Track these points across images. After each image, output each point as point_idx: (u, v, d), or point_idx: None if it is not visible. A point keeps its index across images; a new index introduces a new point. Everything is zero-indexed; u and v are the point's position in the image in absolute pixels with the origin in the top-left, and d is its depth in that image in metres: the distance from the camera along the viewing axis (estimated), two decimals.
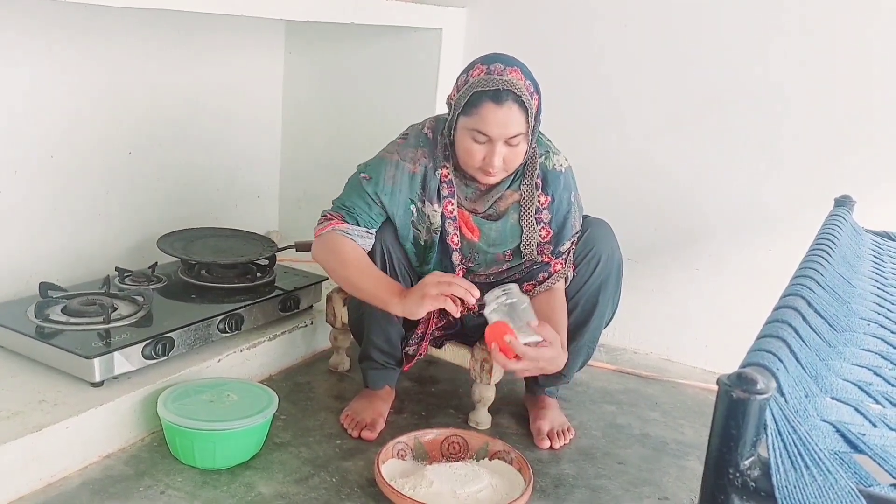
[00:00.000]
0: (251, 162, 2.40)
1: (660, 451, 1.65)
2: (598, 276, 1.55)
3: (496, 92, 1.36)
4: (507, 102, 1.36)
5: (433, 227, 1.51)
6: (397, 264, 1.54)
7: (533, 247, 1.52)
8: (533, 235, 1.52)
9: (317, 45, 2.36)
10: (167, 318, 1.61)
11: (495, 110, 1.36)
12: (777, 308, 0.82)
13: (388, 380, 1.68)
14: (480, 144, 1.40)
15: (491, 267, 1.57)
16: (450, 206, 1.50)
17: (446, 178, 1.49)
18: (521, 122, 1.38)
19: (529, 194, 1.50)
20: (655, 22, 2.02)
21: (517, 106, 1.36)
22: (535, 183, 1.50)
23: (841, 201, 1.54)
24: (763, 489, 0.56)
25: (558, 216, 1.52)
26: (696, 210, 2.05)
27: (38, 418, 1.33)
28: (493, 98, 1.36)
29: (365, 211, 1.50)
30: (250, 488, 1.38)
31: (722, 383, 0.57)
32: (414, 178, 1.49)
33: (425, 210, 1.50)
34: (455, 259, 1.54)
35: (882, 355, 0.83)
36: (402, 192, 1.49)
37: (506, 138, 1.38)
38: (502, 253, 1.55)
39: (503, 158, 1.40)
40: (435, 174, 1.49)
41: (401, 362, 1.67)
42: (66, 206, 1.87)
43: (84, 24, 1.81)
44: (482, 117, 1.37)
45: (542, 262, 1.54)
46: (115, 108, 1.93)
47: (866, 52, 1.81)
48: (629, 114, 2.09)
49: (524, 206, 1.51)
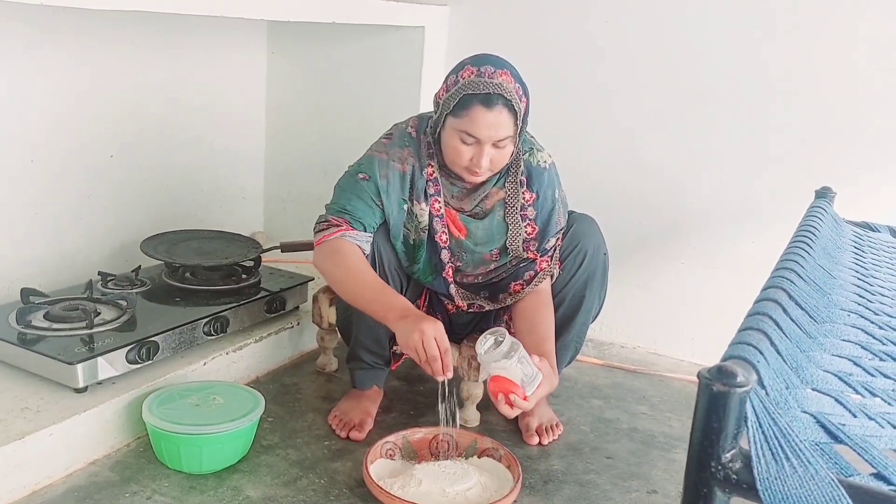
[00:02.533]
0: (235, 163, 2.38)
1: (648, 445, 1.66)
2: (585, 271, 1.56)
3: (486, 96, 1.35)
4: (497, 107, 1.36)
5: (421, 226, 1.51)
6: (387, 264, 1.53)
7: (519, 243, 1.53)
8: (518, 232, 1.52)
9: (299, 44, 2.35)
10: (151, 321, 1.60)
11: (485, 114, 1.36)
12: (758, 300, 0.83)
13: (376, 380, 1.68)
14: (468, 146, 1.40)
15: (479, 267, 1.57)
16: (437, 205, 1.50)
17: (432, 176, 1.49)
18: (510, 126, 1.38)
19: (514, 191, 1.51)
20: (640, 17, 2.03)
21: (507, 110, 1.37)
22: (519, 180, 1.50)
23: (821, 193, 1.55)
24: (745, 481, 0.56)
25: (543, 213, 1.53)
26: (682, 204, 2.06)
27: (21, 426, 1.32)
28: (484, 102, 1.36)
29: (368, 214, 1.49)
30: (238, 492, 1.37)
31: (702, 377, 0.57)
32: (404, 177, 1.49)
33: (414, 209, 1.50)
34: (444, 257, 1.54)
35: (862, 345, 0.83)
36: (395, 192, 1.49)
37: (494, 141, 1.38)
38: (489, 252, 1.55)
39: (490, 159, 1.41)
40: (422, 173, 1.49)
41: (389, 362, 1.67)
42: (48, 209, 1.85)
43: (65, 26, 1.79)
44: (472, 120, 1.37)
45: (527, 258, 1.54)
46: (96, 111, 1.91)
47: (850, 46, 1.83)
48: (614, 109, 2.10)
49: (509, 204, 1.51)
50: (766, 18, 1.89)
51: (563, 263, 1.57)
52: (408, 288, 1.61)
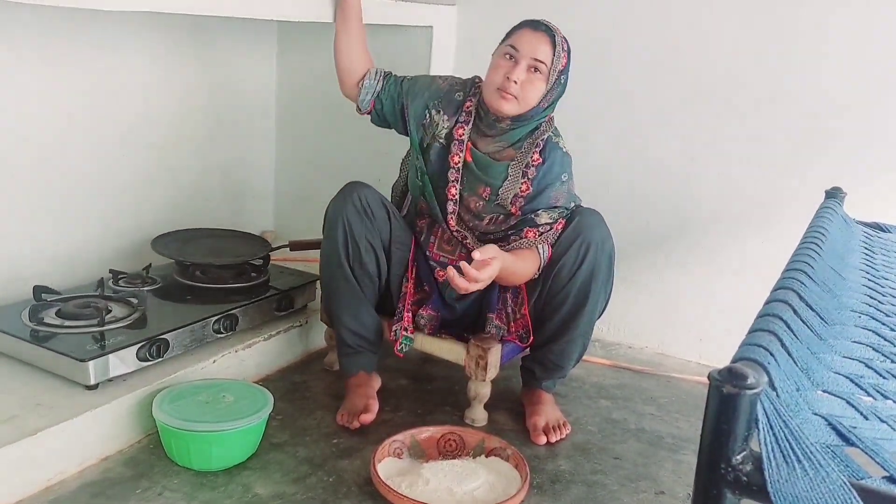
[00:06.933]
0: (245, 162, 2.39)
1: (655, 446, 1.66)
2: (590, 264, 1.55)
3: (535, 21, 1.56)
4: (541, 30, 1.54)
5: (437, 133, 1.63)
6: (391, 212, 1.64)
7: (509, 194, 1.59)
8: (515, 184, 1.59)
9: (309, 44, 2.35)
10: (162, 319, 1.61)
11: (531, 33, 1.55)
12: (768, 302, 0.83)
13: (361, 365, 1.69)
14: (508, 62, 1.54)
15: (472, 196, 1.62)
16: (461, 131, 1.62)
17: (468, 107, 1.63)
18: (548, 54, 1.53)
19: (527, 149, 1.60)
20: (648, 16, 2.02)
21: (549, 41, 1.53)
22: (536, 143, 1.60)
23: (832, 193, 1.55)
24: (755, 483, 0.56)
25: (543, 179, 1.58)
26: (690, 204, 2.06)
27: (34, 422, 1.33)
28: (531, 25, 1.56)
29: (391, 84, 1.72)
30: (247, 489, 1.38)
31: (713, 378, 0.57)
32: (440, 90, 1.67)
33: (436, 118, 1.63)
34: (450, 175, 1.62)
35: (873, 347, 0.83)
36: (423, 96, 1.67)
37: (531, 57, 1.52)
38: (483, 187, 1.61)
39: (520, 83, 1.52)
40: (455, 94, 1.65)
41: (375, 345, 1.69)
42: (60, 208, 1.86)
43: (77, 27, 1.80)
44: (518, 36, 1.55)
45: (510, 213, 1.60)
46: (107, 110, 1.92)
47: (858, 45, 1.82)
48: (622, 109, 2.10)
49: (518, 158, 1.60)
50: (774, 18, 1.89)
51: (566, 255, 1.56)
52: (390, 263, 1.64)
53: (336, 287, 1.63)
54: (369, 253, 1.59)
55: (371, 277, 1.62)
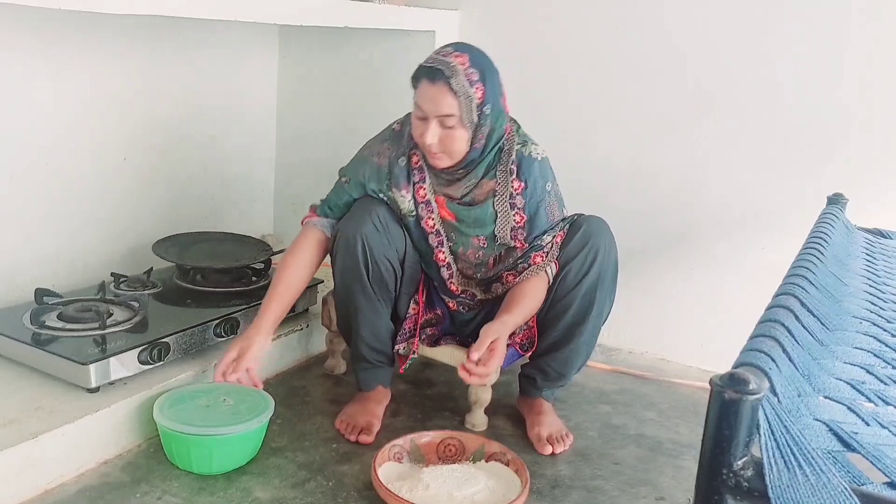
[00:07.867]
0: (246, 166, 2.39)
1: (656, 451, 1.65)
2: (597, 270, 1.55)
3: (430, 69, 1.43)
4: (438, 82, 1.41)
5: (405, 212, 1.57)
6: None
7: (507, 231, 1.56)
8: (507, 220, 1.55)
9: (310, 48, 2.36)
10: (163, 323, 1.61)
11: (428, 86, 1.43)
12: (769, 307, 0.83)
13: (380, 379, 1.68)
14: (421, 121, 1.45)
15: (468, 249, 1.59)
16: (422, 191, 1.56)
17: (416, 164, 1.56)
18: (453, 105, 1.42)
19: (504, 180, 1.55)
20: (648, 23, 2.03)
21: (447, 88, 1.41)
22: (509, 169, 1.54)
23: (833, 199, 1.55)
24: (756, 489, 0.56)
25: (532, 202, 1.55)
26: (690, 209, 2.06)
27: (34, 425, 1.33)
28: (427, 75, 1.43)
29: (338, 206, 1.63)
30: (247, 493, 1.38)
31: (714, 384, 0.57)
32: (380, 169, 1.58)
33: (394, 196, 1.57)
34: (432, 241, 1.59)
35: (874, 353, 0.83)
36: (370, 186, 1.60)
37: (437, 115, 1.42)
38: (476, 237, 1.57)
39: (440, 140, 1.44)
40: (398, 161, 1.56)
41: (392, 360, 1.68)
42: (61, 211, 1.86)
43: (78, 29, 1.81)
44: (419, 92, 1.45)
45: (514, 246, 1.56)
46: (109, 113, 1.93)
47: (859, 51, 1.82)
48: (623, 115, 2.10)
49: (499, 192, 1.55)
50: (773, 25, 1.89)
51: (572, 263, 1.55)
52: (402, 280, 1.62)
53: (356, 305, 1.58)
54: (388, 271, 1.57)
55: (389, 293, 1.60)
